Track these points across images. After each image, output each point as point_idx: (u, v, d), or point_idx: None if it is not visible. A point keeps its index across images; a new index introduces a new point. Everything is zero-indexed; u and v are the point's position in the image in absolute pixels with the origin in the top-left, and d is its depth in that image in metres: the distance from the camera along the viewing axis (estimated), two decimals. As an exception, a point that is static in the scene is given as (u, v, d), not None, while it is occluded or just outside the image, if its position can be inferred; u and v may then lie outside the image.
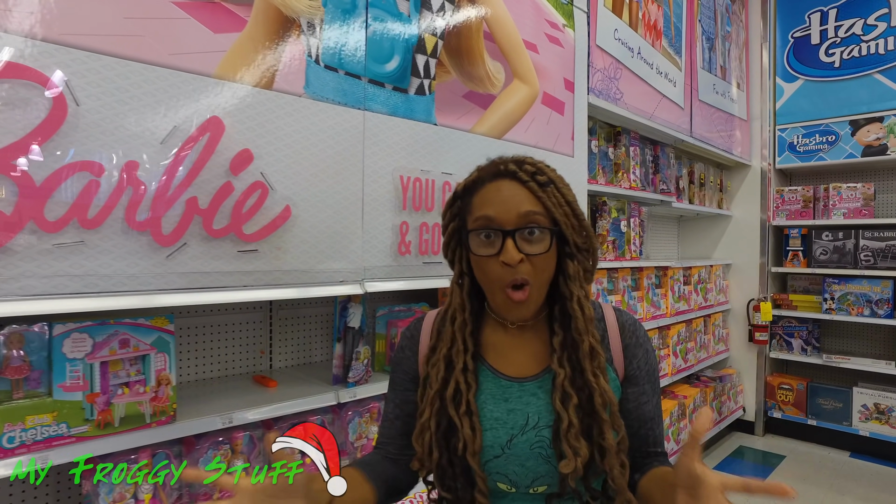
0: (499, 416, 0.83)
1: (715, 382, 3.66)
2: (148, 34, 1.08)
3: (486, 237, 0.80)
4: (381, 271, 1.51)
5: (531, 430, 0.82)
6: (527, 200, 0.80)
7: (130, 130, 1.06)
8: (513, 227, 0.79)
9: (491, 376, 0.86)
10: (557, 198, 0.82)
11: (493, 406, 0.84)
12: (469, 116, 1.74)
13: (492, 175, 0.83)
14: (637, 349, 0.89)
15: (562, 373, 0.81)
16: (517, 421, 0.83)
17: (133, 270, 1.08)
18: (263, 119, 1.26)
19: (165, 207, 1.11)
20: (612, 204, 2.68)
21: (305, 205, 1.35)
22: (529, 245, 0.79)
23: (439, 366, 0.84)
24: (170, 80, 1.11)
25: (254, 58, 1.24)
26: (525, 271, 0.79)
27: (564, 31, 2.16)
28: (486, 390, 0.85)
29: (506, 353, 0.88)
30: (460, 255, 0.89)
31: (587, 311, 0.83)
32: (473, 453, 0.80)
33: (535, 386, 0.85)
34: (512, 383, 0.85)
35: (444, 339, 0.86)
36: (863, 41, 3.71)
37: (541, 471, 0.82)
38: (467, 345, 0.84)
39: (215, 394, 1.49)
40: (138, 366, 1.20)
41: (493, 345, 0.88)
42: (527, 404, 0.84)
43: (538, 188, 0.81)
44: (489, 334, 0.89)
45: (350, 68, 1.43)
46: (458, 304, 0.87)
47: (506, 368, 0.87)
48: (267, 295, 1.29)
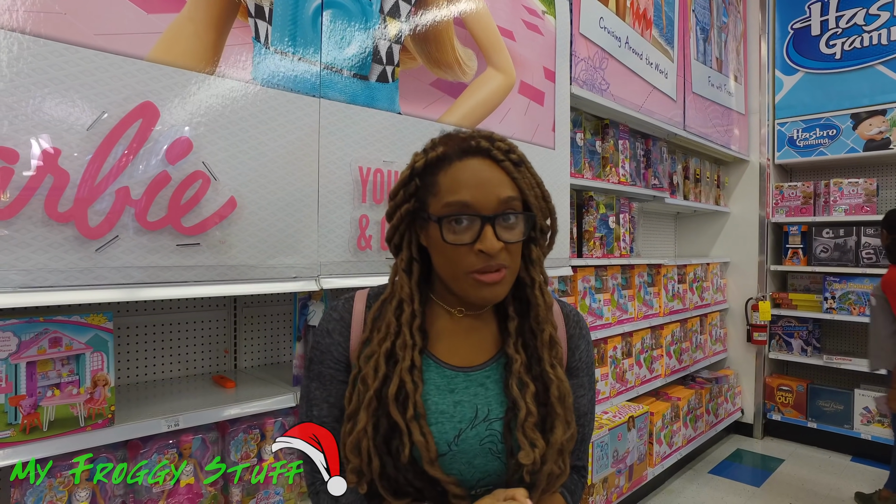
0: (444, 409, 0.75)
1: (711, 384, 3.56)
2: (70, 12, 1.01)
3: (459, 221, 0.72)
4: (339, 267, 1.44)
5: (481, 424, 0.75)
6: (505, 184, 0.73)
7: (51, 115, 0.99)
8: (492, 214, 0.72)
9: (434, 366, 0.78)
10: (530, 179, 0.76)
11: (437, 398, 0.75)
12: (437, 105, 1.66)
13: (461, 151, 0.74)
14: (580, 340, 0.86)
15: (518, 359, 0.75)
16: (465, 414, 0.75)
17: (57, 264, 1.02)
18: (205, 106, 1.19)
19: (92, 198, 1.04)
20: (599, 199, 2.60)
21: (254, 196, 1.28)
22: (508, 232, 0.72)
23: (378, 361, 0.73)
24: (96, 63, 1.04)
25: (193, 40, 1.17)
26: (503, 259, 0.72)
27: (544, 17, 2.07)
28: (429, 381, 0.77)
29: (450, 341, 0.80)
30: (410, 240, 0.79)
31: (548, 298, 0.79)
32: (430, 461, 0.71)
33: (483, 376, 0.78)
34: (458, 373, 0.78)
35: (383, 331, 0.76)
36: (865, 31, 3.60)
37: (489, 469, 0.75)
38: (415, 339, 0.75)
39: (168, 395, 1.43)
40: (71, 366, 1.13)
41: (437, 333, 0.80)
42: (475, 395, 0.76)
43: (513, 168, 0.74)
44: (433, 323, 0.81)
45: (304, 53, 1.36)
46: (407, 295, 0.77)
47: (450, 358, 0.79)
48: (210, 291, 1.22)
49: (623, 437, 2.57)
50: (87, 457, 1.12)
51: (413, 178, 0.77)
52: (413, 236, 0.79)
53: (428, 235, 0.77)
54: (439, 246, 0.74)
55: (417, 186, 0.77)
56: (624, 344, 2.82)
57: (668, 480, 3.17)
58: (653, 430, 2.88)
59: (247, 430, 1.42)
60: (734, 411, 3.87)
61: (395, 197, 0.79)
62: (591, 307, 2.56)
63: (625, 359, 2.81)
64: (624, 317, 2.81)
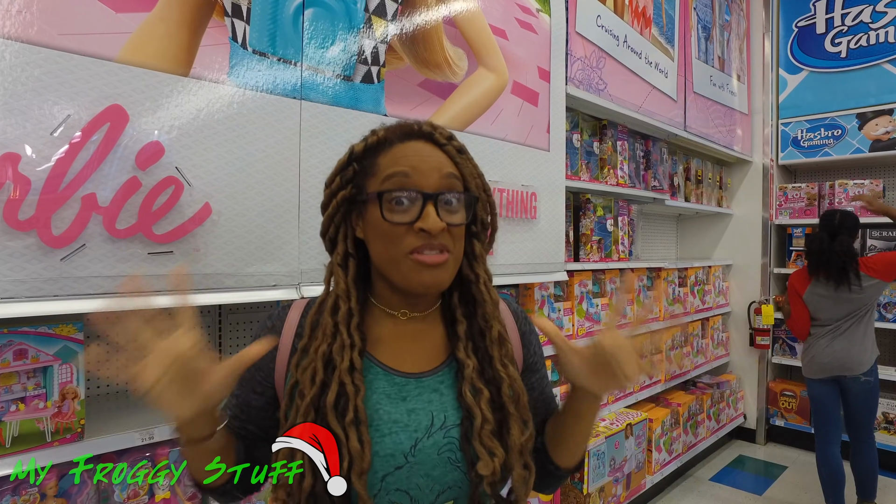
0: (398, 419, 0.69)
1: (712, 389, 3.50)
2: (31, 11, 0.97)
3: (399, 202, 0.67)
4: (320, 274, 1.39)
5: (438, 432, 0.69)
6: (446, 164, 0.71)
7: (10, 119, 0.95)
8: (434, 191, 0.68)
9: (382, 374, 0.72)
10: (471, 168, 0.74)
11: (389, 407, 0.70)
12: (425, 107, 1.61)
13: (403, 135, 0.71)
14: (531, 336, 0.85)
15: (470, 363, 0.72)
16: (420, 422, 0.69)
17: (18, 275, 0.98)
18: (178, 109, 1.15)
19: (56, 205, 1.00)
20: (597, 202, 2.54)
21: (230, 202, 1.23)
22: (450, 214, 0.69)
23: (315, 367, 0.68)
24: (60, 64, 1.00)
25: (165, 41, 1.13)
26: (445, 240, 0.68)
27: (538, 16, 2.02)
28: (378, 390, 0.71)
29: (396, 347, 0.74)
30: (345, 233, 0.74)
31: (494, 295, 0.76)
32: (360, 472, 0.64)
33: (436, 381, 0.73)
34: (408, 380, 0.72)
35: (320, 336, 0.70)
36: (871, 29, 3.52)
37: (449, 480, 0.69)
38: (353, 339, 0.69)
39: (145, 406, 1.38)
40: (37, 379, 1.09)
41: (381, 338, 0.74)
42: (429, 402, 0.71)
43: (455, 153, 0.73)
44: (374, 327, 0.75)
45: (284, 54, 1.31)
46: (343, 292, 0.71)
47: (399, 364, 0.73)
48: (184, 301, 1.18)
49: (620, 444, 2.52)
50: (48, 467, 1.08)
51: (351, 163, 0.73)
52: (349, 229, 0.74)
53: (366, 223, 0.71)
54: (378, 229, 0.69)
55: (356, 171, 0.73)
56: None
57: (668, 489, 3.11)
58: (652, 437, 2.82)
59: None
60: (736, 417, 3.80)
61: (332, 184, 0.74)
62: (588, 312, 2.50)
63: (623, 364, 2.75)
64: (622, 322, 2.75)
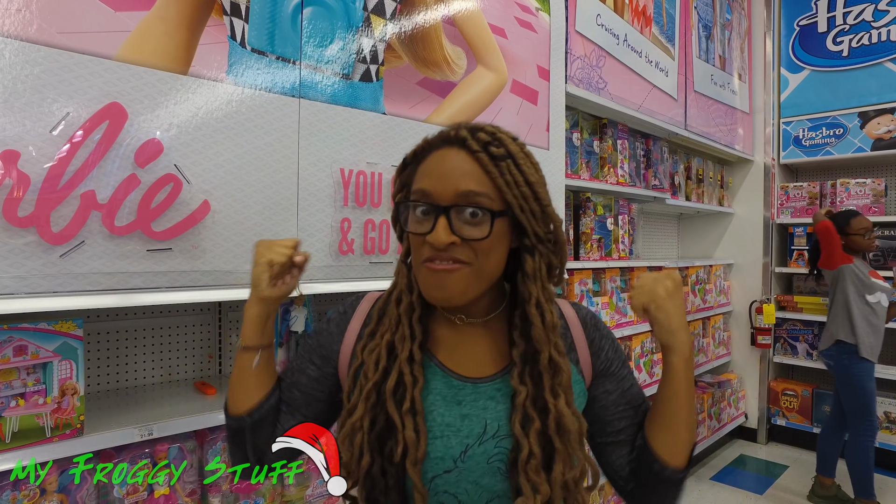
0: (451, 422, 0.69)
1: (713, 388, 3.49)
2: (30, 9, 0.97)
3: (420, 213, 0.69)
4: (319, 272, 1.40)
5: (490, 440, 0.69)
6: (471, 175, 0.67)
7: (10, 117, 0.96)
8: (449, 203, 0.67)
9: (440, 374, 0.73)
10: (514, 175, 0.68)
11: (444, 409, 0.70)
12: (424, 105, 1.62)
13: (441, 142, 0.71)
14: (603, 341, 0.80)
15: (523, 391, 0.69)
16: (473, 428, 0.69)
17: (18, 271, 0.98)
18: (177, 107, 1.15)
19: (55, 202, 1.00)
20: (597, 200, 2.54)
21: (229, 200, 1.24)
22: (469, 227, 0.67)
23: (380, 353, 0.71)
24: (60, 62, 1.01)
25: (164, 39, 1.14)
26: (461, 254, 0.67)
27: (538, 15, 2.02)
28: (434, 390, 0.72)
29: (457, 350, 0.74)
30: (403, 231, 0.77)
31: (548, 316, 0.70)
32: (415, 462, 0.66)
33: (493, 388, 0.72)
34: (465, 384, 0.72)
35: (386, 324, 0.74)
36: (873, 28, 3.51)
37: (498, 490, 0.69)
38: (414, 331, 0.72)
39: (146, 402, 1.39)
40: (37, 374, 1.10)
41: (441, 339, 0.75)
42: (484, 409, 0.70)
43: (489, 161, 0.67)
44: (436, 327, 0.76)
45: (282, 52, 1.32)
46: (406, 285, 0.74)
47: (458, 367, 0.73)
48: (183, 297, 1.18)
49: (621, 443, 2.52)
50: (49, 466, 1.09)
51: (405, 166, 0.76)
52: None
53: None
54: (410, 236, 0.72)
55: (407, 175, 0.75)
56: (623, 348, 2.76)
57: (669, 487, 3.11)
58: (652, 435, 2.82)
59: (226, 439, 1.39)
60: (738, 416, 3.80)
61: (394, 185, 0.78)
62: (588, 311, 2.50)
63: (623, 363, 2.76)
64: (623, 320, 2.75)
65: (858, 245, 2.79)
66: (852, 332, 2.76)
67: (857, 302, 2.76)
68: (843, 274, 2.81)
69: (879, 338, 2.77)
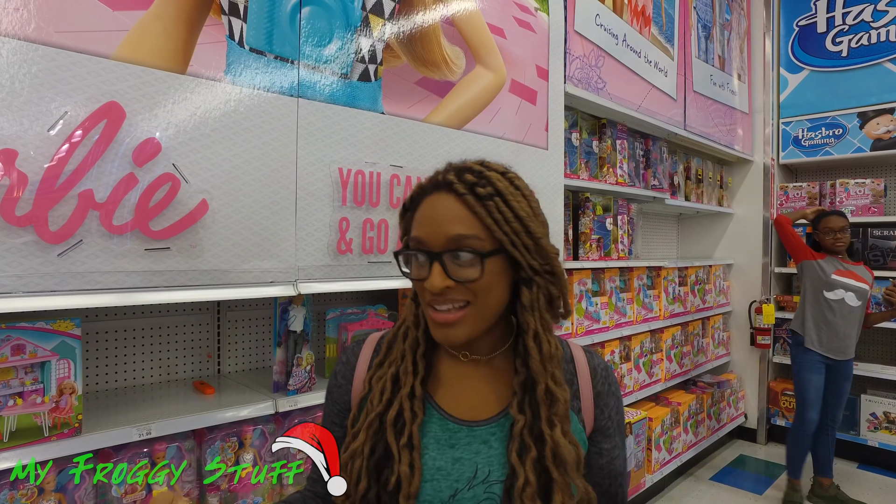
0: (441, 466, 0.71)
1: (713, 388, 3.49)
2: (28, 9, 0.97)
3: (417, 259, 0.71)
4: (318, 271, 1.40)
5: (479, 485, 0.69)
6: (459, 219, 0.69)
7: (7, 116, 0.96)
8: (440, 250, 0.68)
9: (437, 417, 0.74)
10: (504, 213, 0.69)
11: (435, 453, 0.71)
12: (423, 105, 1.62)
13: (431, 187, 0.73)
14: (609, 398, 0.78)
15: (521, 419, 0.69)
16: (463, 473, 0.70)
17: (15, 270, 0.98)
18: (175, 106, 1.15)
19: (53, 201, 1.00)
20: (596, 200, 2.54)
21: (227, 199, 1.24)
22: (462, 270, 0.68)
23: (385, 384, 0.73)
24: (58, 61, 1.01)
25: (162, 38, 1.14)
26: (460, 295, 0.68)
27: (537, 15, 2.02)
28: (429, 433, 0.73)
29: (457, 390, 0.76)
30: None
31: (545, 346, 0.71)
32: (408, 496, 0.68)
33: (488, 432, 0.72)
34: (461, 427, 0.73)
35: (394, 354, 0.76)
36: (872, 28, 3.51)
37: None
38: (417, 367, 0.74)
39: (144, 402, 1.39)
40: (35, 374, 1.10)
41: (445, 379, 0.77)
42: (476, 453, 0.71)
43: (476, 202, 0.69)
44: (439, 365, 0.78)
45: (281, 52, 1.32)
46: (413, 321, 0.76)
47: (455, 409, 0.74)
48: (181, 296, 1.18)
49: (620, 443, 2.51)
50: (48, 467, 1.09)
51: (405, 211, 0.77)
52: None
53: None
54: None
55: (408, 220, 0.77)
56: (622, 348, 2.76)
57: (668, 487, 3.11)
58: (651, 435, 2.82)
59: (224, 438, 1.39)
60: (737, 416, 3.79)
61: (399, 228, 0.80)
62: (587, 311, 2.50)
63: (623, 363, 2.76)
64: (622, 320, 2.75)
65: (823, 244, 2.87)
66: (802, 324, 2.90)
67: (812, 297, 2.87)
68: (803, 269, 2.94)
69: (835, 334, 2.79)
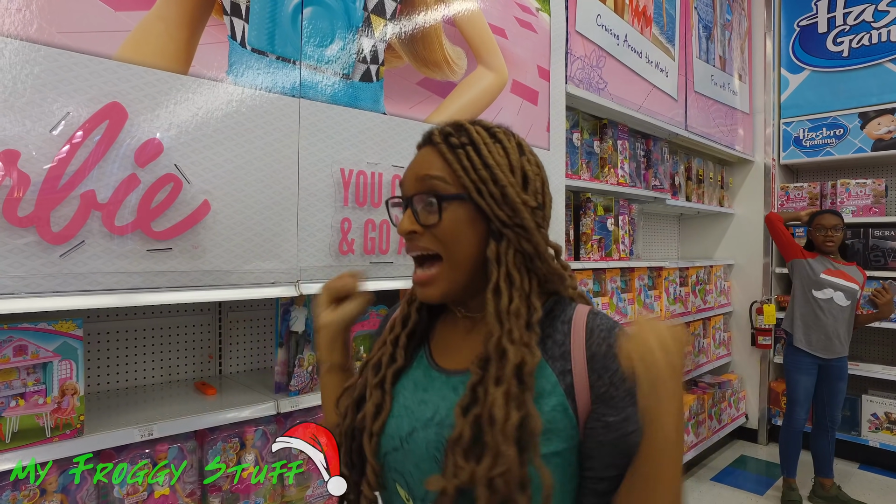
0: (408, 405, 0.73)
1: (714, 388, 3.49)
2: (30, 9, 0.97)
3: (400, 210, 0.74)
4: (320, 272, 1.40)
5: (433, 427, 0.68)
6: (429, 164, 0.70)
7: (9, 117, 0.96)
8: (410, 194, 0.71)
9: (425, 364, 0.76)
10: (473, 160, 0.67)
11: (409, 393, 0.74)
12: (424, 105, 1.62)
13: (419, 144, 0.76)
14: (610, 361, 0.65)
15: (477, 374, 0.66)
16: (424, 413, 0.71)
17: (18, 271, 0.98)
18: (177, 106, 1.15)
19: (55, 202, 1.00)
20: (597, 201, 2.54)
21: (229, 200, 1.24)
22: (426, 214, 0.69)
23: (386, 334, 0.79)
24: (60, 62, 1.01)
25: (164, 39, 1.14)
26: (426, 243, 0.69)
27: (538, 15, 2.02)
28: (412, 377, 0.76)
29: (451, 343, 0.77)
30: None
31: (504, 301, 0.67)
32: (371, 434, 0.71)
33: (459, 381, 0.71)
34: (440, 375, 0.74)
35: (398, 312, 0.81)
36: (873, 28, 3.51)
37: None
38: (408, 319, 0.78)
39: (146, 402, 1.39)
40: (37, 374, 1.10)
41: (442, 331, 0.79)
42: (442, 398, 0.70)
43: (447, 149, 0.69)
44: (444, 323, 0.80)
45: (283, 52, 1.32)
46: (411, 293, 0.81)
47: (441, 359, 0.76)
48: (183, 297, 1.18)
49: (621, 444, 2.51)
50: (48, 467, 1.09)
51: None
52: None
53: None
54: None
55: None
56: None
57: (669, 488, 3.11)
58: (653, 436, 2.82)
59: (226, 439, 1.39)
60: (738, 416, 3.79)
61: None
62: (588, 311, 2.50)
63: (624, 364, 2.75)
64: (623, 321, 2.75)
65: (815, 241, 2.90)
66: (791, 323, 2.94)
67: (801, 295, 2.90)
68: (793, 268, 2.99)
69: (825, 333, 2.81)
